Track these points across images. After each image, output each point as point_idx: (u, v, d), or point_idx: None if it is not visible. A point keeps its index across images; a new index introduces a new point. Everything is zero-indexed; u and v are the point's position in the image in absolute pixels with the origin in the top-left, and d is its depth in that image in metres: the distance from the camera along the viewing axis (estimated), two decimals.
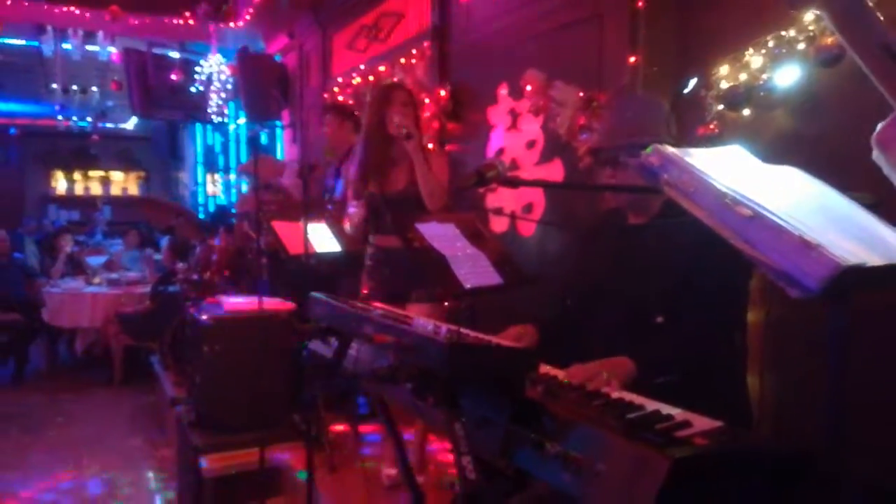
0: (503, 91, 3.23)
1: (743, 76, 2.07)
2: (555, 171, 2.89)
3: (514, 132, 3.16)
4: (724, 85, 2.13)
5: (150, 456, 4.40)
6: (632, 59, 2.40)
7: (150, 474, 4.12)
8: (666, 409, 1.35)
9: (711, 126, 2.19)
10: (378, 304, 2.07)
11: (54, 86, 8.10)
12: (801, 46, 1.94)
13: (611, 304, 1.89)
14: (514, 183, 1.62)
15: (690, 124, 2.22)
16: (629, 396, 1.48)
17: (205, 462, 3.23)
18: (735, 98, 2.10)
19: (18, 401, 5.62)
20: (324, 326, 1.99)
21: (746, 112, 2.12)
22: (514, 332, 1.91)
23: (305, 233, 2.63)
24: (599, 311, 1.93)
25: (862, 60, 0.99)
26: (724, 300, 1.70)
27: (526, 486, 1.44)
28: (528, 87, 2.75)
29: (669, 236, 1.74)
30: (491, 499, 1.46)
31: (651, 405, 1.39)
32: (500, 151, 3.25)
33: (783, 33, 1.96)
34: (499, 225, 3.24)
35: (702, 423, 1.27)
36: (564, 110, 2.54)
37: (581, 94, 2.57)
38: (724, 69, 2.12)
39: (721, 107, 2.16)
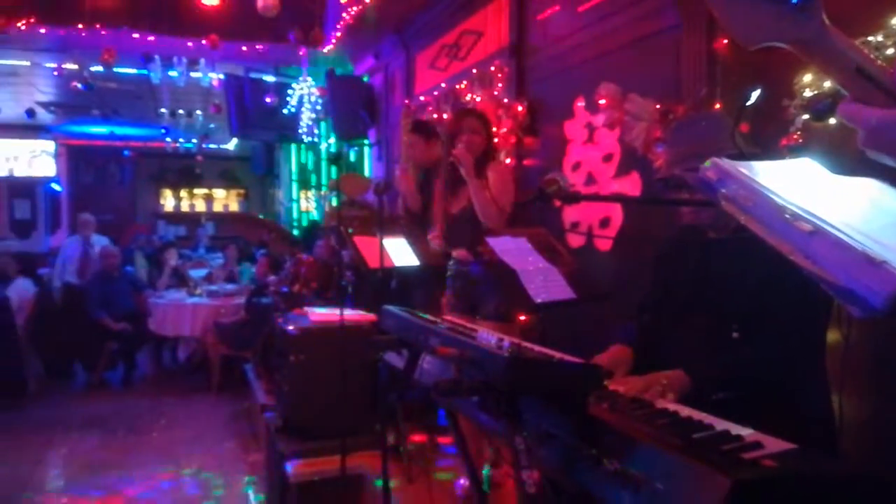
0: (580, 105, 3.22)
1: (827, 84, 1.98)
2: (632, 185, 2.85)
3: (590, 146, 3.14)
4: (807, 93, 2.04)
5: (242, 460, 4.62)
6: (710, 70, 2.34)
7: (243, 477, 4.32)
8: (736, 429, 1.31)
9: (795, 137, 2.10)
10: (449, 318, 2.11)
11: (162, 110, 8.71)
12: (891, 52, 1.84)
13: (688, 320, 1.86)
14: (575, 198, 1.63)
15: (774, 136, 2.14)
16: (698, 415, 1.44)
17: (290, 467, 3.37)
18: (820, 107, 2.02)
19: (126, 403, 6.04)
20: (395, 338, 2.05)
21: (832, 121, 2.03)
22: (612, 351, 1.88)
23: (381, 247, 2.71)
24: (677, 327, 1.90)
25: (842, 86, 0.95)
26: (803, 317, 1.64)
27: None
28: (603, 101, 2.73)
29: (749, 251, 1.70)
30: None
31: (721, 425, 1.35)
32: (577, 165, 3.23)
33: (870, 38, 1.87)
34: (576, 240, 3.22)
35: (774, 444, 1.22)
36: (639, 123, 2.51)
37: (658, 106, 2.53)
38: (807, 77, 2.04)
39: (805, 116, 2.08)
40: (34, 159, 10.81)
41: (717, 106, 2.33)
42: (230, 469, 4.46)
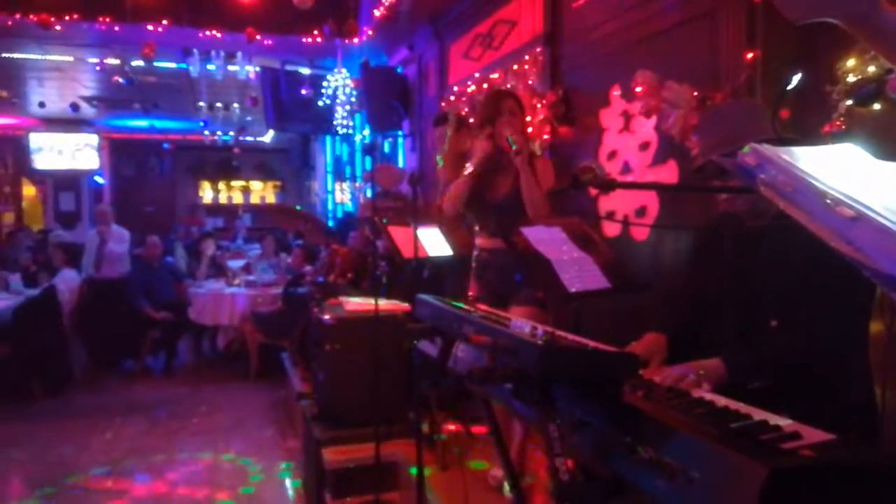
0: (616, 93, 3.18)
1: (872, 68, 1.93)
2: (669, 173, 2.82)
3: (626, 134, 3.11)
4: (851, 79, 1.99)
5: (280, 446, 4.71)
6: (749, 56, 2.29)
7: (280, 463, 4.40)
8: (774, 419, 1.30)
9: (838, 123, 2.05)
10: (482, 306, 2.12)
11: (201, 104, 8.87)
12: None
13: (726, 309, 1.84)
14: (610, 186, 1.61)
15: (816, 122, 2.10)
16: (735, 405, 1.43)
17: (326, 454, 3.42)
18: (863, 92, 1.96)
19: (168, 390, 6.20)
20: (429, 327, 2.06)
21: (876, 107, 1.97)
22: (647, 340, 1.87)
23: (415, 237, 2.73)
24: (714, 316, 1.88)
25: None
26: (844, 306, 1.60)
27: (623, 492, 1.43)
28: (639, 89, 2.70)
29: (788, 239, 1.67)
30: (585, 502, 1.47)
31: (758, 415, 1.34)
32: (613, 154, 3.20)
33: None
34: (611, 229, 3.19)
35: (813, 435, 1.21)
36: (676, 111, 2.47)
37: (695, 93, 2.49)
38: (850, 62, 1.99)
39: (848, 102, 2.02)
40: (78, 153, 11.10)
41: (758, 92, 2.28)
42: (268, 455, 4.55)
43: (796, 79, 1.12)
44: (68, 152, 11.05)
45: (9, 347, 5.62)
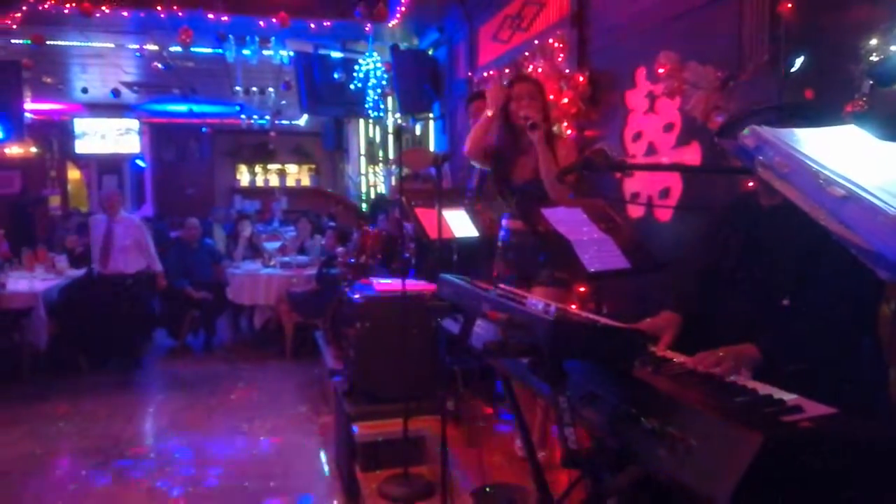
0: (641, 74, 3.18)
1: (894, 48, 1.91)
2: (693, 154, 2.82)
3: (651, 115, 3.11)
4: (873, 58, 1.98)
5: (313, 422, 4.86)
6: (772, 36, 2.28)
7: (314, 438, 4.55)
8: (779, 394, 1.34)
9: (860, 103, 2.04)
10: (502, 286, 2.18)
11: (237, 88, 9.03)
12: None
13: (739, 287, 1.87)
14: (620, 167, 1.65)
15: (838, 101, 2.09)
16: (744, 381, 1.47)
17: (356, 428, 3.54)
18: (886, 72, 1.95)
19: (207, 367, 6.42)
20: (451, 304, 2.13)
21: None
22: (660, 316, 1.91)
23: (439, 218, 2.79)
24: (727, 295, 1.90)
25: None
26: (855, 285, 1.62)
27: (628, 462, 1.48)
28: (661, 70, 2.70)
29: (801, 218, 1.69)
30: (594, 470, 1.53)
31: (764, 390, 1.37)
32: (638, 135, 3.21)
33: None
34: (635, 210, 3.21)
35: (815, 409, 1.24)
36: (698, 91, 2.47)
37: (718, 74, 2.49)
38: (873, 41, 1.97)
39: (871, 82, 2.01)
40: (120, 137, 11.40)
41: (780, 73, 2.27)
42: (302, 430, 4.70)
43: (799, 61, 1.14)
44: (111, 137, 11.36)
45: (57, 325, 5.88)
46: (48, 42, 6.29)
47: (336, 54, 6.96)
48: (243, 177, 14.72)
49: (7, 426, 4.76)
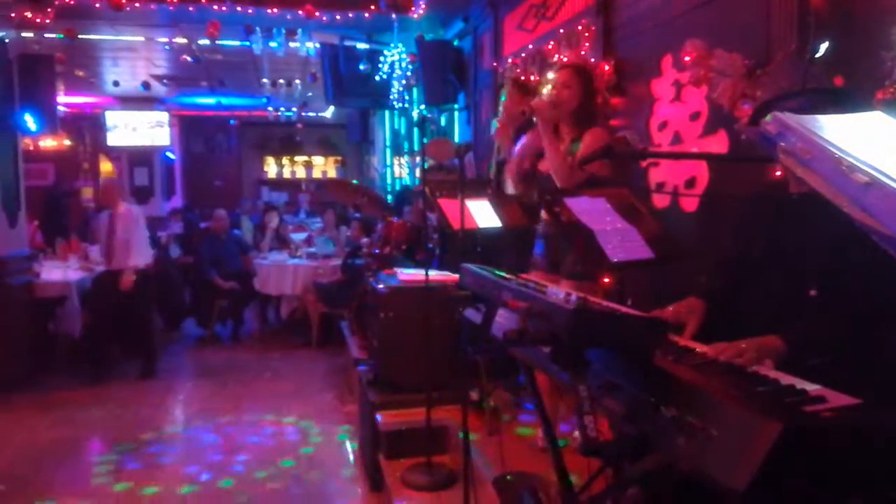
0: (668, 62, 3.14)
1: None
2: (719, 143, 2.78)
3: (677, 104, 3.07)
4: None
5: (338, 410, 4.92)
6: (801, 23, 2.24)
7: (339, 426, 4.61)
8: (802, 384, 1.32)
9: (892, 90, 2.00)
10: (527, 276, 2.17)
11: (264, 80, 9.11)
12: None
13: (765, 276, 1.84)
14: (641, 156, 1.64)
15: (870, 89, 2.04)
16: (766, 371, 1.45)
17: (380, 417, 3.58)
18: None
19: (235, 357, 6.53)
20: (472, 294, 2.14)
21: None
22: (685, 303, 1.89)
23: (462, 209, 2.80)
24: (753, 284, 1.88)
25: None
26: (885, 276, 1.58)
27: (646, 451, 1.47)
28: (688, 58, 2.66)
29: (830, 206, 1.66)
30: (613, 458, 1.53)
31: (787, 380, 1.36)
32: (664, 125, 3.17)
33: None
34: (661, 200, 3.18)
35: (838, 399, 1.22)
36: (725, 79, 2.44)
37: (746, 61, 2.45)
38: None
39: None
40: (151, 129, 11.58)
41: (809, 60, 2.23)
42: (327, 418, 4.76)
43: (823, 47, 1.12)
44: (142, 129, 11.53)
45: (90, 314, 6.01)
46: (80, 36, 6.39)
47: (361, 45, 6.98)
48: (270, 168, 14.87)
49: (42, 411, 4.89)
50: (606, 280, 2.99)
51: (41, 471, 3.93)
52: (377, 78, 6.91)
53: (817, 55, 1.25)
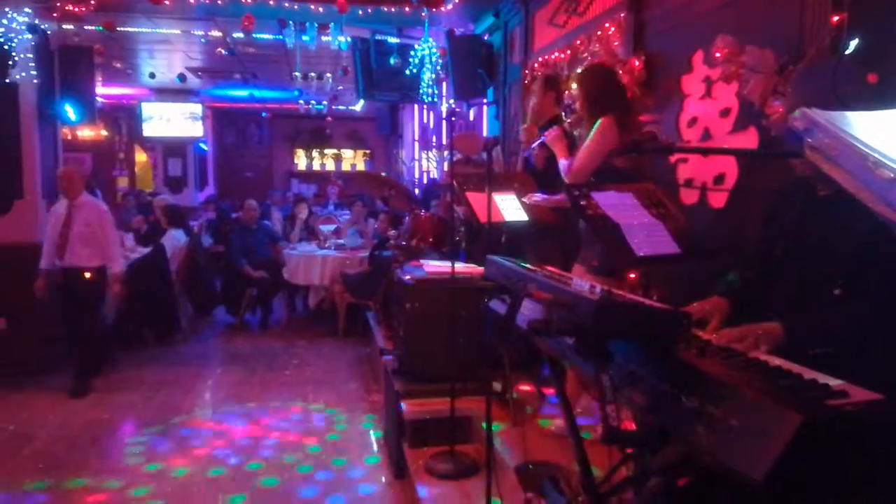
0: (698, 58, 3.13)
1: None
2: (749, 140, 2.77)
3: (707, 101, 3.06)
4: None
5: (363, 399, 4.99)
6: (835, 19, 2.22)
7: (364, 415, 4.68)
8: (824, 379, 1.33)
9: None
10: (549, 268, 2.20)
11: (296, 74, 9.20)
12: None
13: (790, 274, 1.84)
14: (669, 150, 1.65)
15: None
16: (788, 365, 1.46)
17: (404, 406, 3.63)
18: None
19: (263, 344, 6.65)
20: (497, 285, 2.17)
21: None
22: (708, 301, 1.90)
23: (489, 202, 2.83)
24: (778, 281, 1.88)
25: None
26: None
27: (666, 441, 1.49)
28: (719, 54, 2.65)
29: (856, 207, 1.65)
30: (634, 446, 1.55)
31: (809, 375, 1.37)
32: (694, 121, 3.16)
33: None
34: (688, 197, 3.17)
35: (860, 394, 1.23)
36: (756, 76, 2.43)
37: (776, 58, 2.44)
38: None
39: None
40: (185, 121, 11.79)
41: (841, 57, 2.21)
42: (352, 406, 4.84)
43: (853, 44, 1.12)
44: (176, 120, 11.75)
45: (124, 300, 6.16)
46: (118, 29, 6.54)
47: (392, 40, 7.02)
48: (300, 161, 15.03)
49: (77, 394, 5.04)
50: (632, 276, 3.00)
51: (76, 450, 4.06)
52: (407, 72, 6.95)
53: (847, 52, 1.25)
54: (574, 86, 3.12)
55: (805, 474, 1.02)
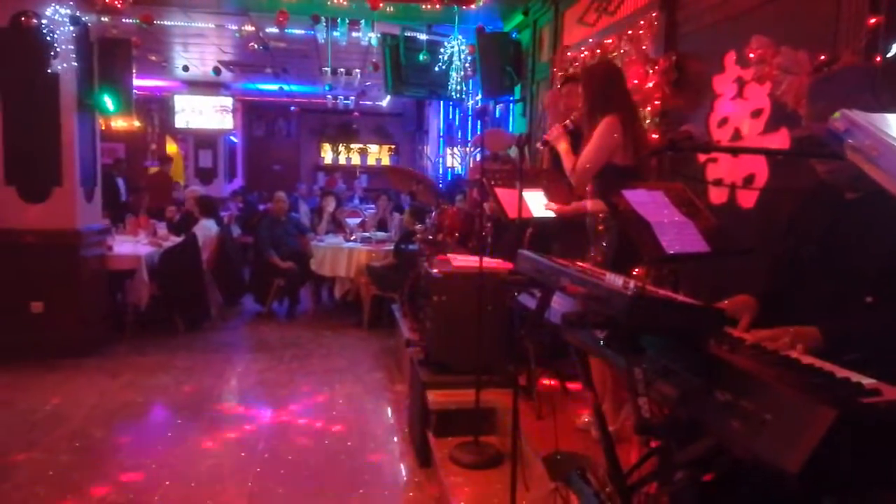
0: (731, 59, 3.14)
1: None
2: (781, 141, 2.78)
3: (739, 101, 3.07)
4: None
5: (388, 389, 5.07)
6: (872, 21, 2.23)
7: (388, 404, 4.76)
8: (857, 377, 1.35)
9: None
10: (580, 263, 2.23)
11: (326, 69, 9.31)
12: None
13: (818, 279, 1.83)
14: (705, 149, 1.68)
15: None
16: (820, 363, 1.47)
17: (430, 396, 3.70)
18: None
19: (290, 333, 6.76)
20: (528, 279, 2.21)
21: None
22: (738, 299, 1.91)
23: (520, 199, 2.87)
24: (806, 285, 1.88)
25: None
26: None
27: (698, 434, 1.52)
28: (752, 55, 2.67)
29: (888, 212, 1.65)
30: (666, 437, 1.59)
31: (842, 373, 1.39)
32: (724, 121, 3.18)
33: None
34: (718, 196, 3.19)
35: (893, 393, 1.24)
36: (790, 77, 2.44)
37: (811, 59, 2.45)
38: None
39: None
40: (216, 114, 11.97)
41: (878, 59, 2.22)
42: (377, 396, 4.92)
43: (895, 47, 1.14)
44: (207, 113, 11.93)
45: (157, 287, 6.32)
46: (155, 22, 6.68)
47: (422, 36, 7.07)
48: (327, 155, 15.18)
49: (111, 377, 5.19)
50: (636, 271, 3.03)
51: (111, 431, 4.19)
52: (436, 68, 7.00)
53: (889, 55, 1.27)
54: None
55: (838, 469, 1.03)
